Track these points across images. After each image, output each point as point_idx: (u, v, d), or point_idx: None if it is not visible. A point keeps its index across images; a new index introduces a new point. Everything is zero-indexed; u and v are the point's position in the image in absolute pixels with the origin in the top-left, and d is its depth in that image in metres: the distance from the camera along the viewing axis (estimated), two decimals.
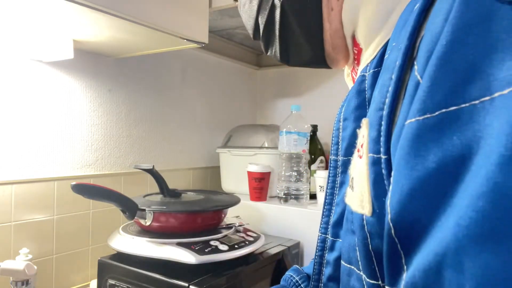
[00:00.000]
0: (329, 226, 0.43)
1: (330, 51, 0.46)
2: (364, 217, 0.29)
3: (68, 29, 0.79)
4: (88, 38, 0.88)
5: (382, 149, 0.26)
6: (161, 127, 1.26)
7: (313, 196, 1.20)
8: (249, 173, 1.20)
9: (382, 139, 0.27)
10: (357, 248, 0.31)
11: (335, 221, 0.41)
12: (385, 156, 0.26)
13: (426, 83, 0.22)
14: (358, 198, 0.30)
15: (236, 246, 0.81)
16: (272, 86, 1.70)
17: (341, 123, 0.42)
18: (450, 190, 0.19)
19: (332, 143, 0.43)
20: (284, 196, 1.15)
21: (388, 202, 0.23)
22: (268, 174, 1.21)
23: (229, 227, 0.91)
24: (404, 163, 0.22)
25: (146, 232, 0.83)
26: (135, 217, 0.80)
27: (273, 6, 0.46)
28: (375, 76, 0.36)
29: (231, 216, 1.00)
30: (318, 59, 0.48)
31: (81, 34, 0.84)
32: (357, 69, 0.43)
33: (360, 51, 0.42)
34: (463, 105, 0.19)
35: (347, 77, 0.49)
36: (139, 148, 1.18)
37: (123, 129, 1.13)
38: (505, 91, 0.18)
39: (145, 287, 0.75)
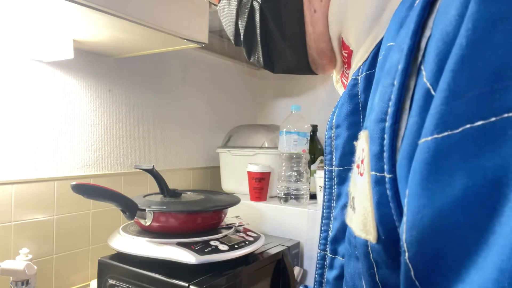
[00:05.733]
0: (328, 242, 0.40)
1: (315, 56, 0.43)
2: (368, 243, 0.25)
3: (68, 29, 0.79)
4: (88, 38, 0.88)
5: (386, 167, 0.23)
6: (161, 127, 1.26)
7: (313, 196, 1.20)
8: (249, 173, 1.20)
9: (385, 154, 0.23)
10: (362, 277, 0.28)
11: (333, 237, 0.39)
12: (390, 175, 0.23)
13: (444, 92, 0.18)
14: (360, 221, 0.26)
15: (236, 246, 0.81)
16: (272, 86, 1.70)
17: (333, 131, 0.39)
18: (484, 224, 0.16)
19: (325, 153, 0.40)
20: (284, 196, 1.15)
21: (403, 237, 0.20)
22: (268, 174, 1.21)
23: (229, 227, 0.91)
24: (421, 191, 0.19)
25: (146, 232, 0.83)
26: (135, 217, 0.80)
27: (252, 9, 0.43)
28: (368, 79, 0.34)
29: (231, 216, 1.00)
30: (303, 65, 0.45)
31: (81, 34, 0.84)
32: (348, 73, 0.41)
33: (350, 53, 0.39)
34: (493, 119, 0.16)
35: (336, 84, 0.46)
36: (139, 148, 1.18)
37: (123, 129, 1.13)
38: None
39: (145, 287, 0.75)
